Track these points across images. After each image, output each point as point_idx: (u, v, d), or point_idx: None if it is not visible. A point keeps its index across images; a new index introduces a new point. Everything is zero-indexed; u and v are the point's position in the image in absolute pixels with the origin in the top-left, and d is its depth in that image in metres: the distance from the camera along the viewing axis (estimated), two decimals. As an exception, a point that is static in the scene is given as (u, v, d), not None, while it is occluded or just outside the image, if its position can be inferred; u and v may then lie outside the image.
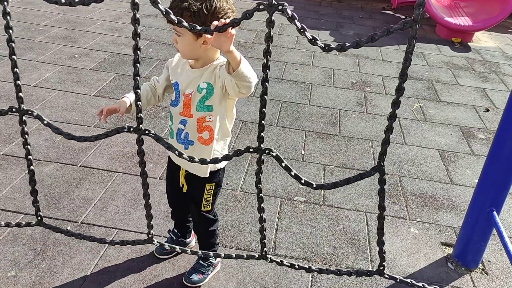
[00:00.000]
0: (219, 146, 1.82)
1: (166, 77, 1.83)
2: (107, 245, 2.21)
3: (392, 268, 2.25)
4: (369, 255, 2.33)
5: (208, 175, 1.83)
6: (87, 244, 2.19)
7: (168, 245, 1.21)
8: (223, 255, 1.23)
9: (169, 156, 1.98)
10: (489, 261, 2.36)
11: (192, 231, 2.24)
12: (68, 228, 2.29)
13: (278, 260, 1.20)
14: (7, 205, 2.39)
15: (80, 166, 2.77)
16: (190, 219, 2.16)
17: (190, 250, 1.22)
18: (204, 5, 1.51)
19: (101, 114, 1.74)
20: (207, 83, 1.67)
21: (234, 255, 1.22)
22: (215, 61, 1.69)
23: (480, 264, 2.32)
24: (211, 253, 1.26)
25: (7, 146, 2.86)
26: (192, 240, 2.26)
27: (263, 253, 1.17)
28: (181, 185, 1.93)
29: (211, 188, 1.89)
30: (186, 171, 1.88)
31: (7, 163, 2.72)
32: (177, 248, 1.23)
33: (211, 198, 1.91)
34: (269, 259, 1.19)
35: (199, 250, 2.07)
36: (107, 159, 2.85)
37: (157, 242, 1.19)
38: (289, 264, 1.20)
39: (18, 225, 1.23)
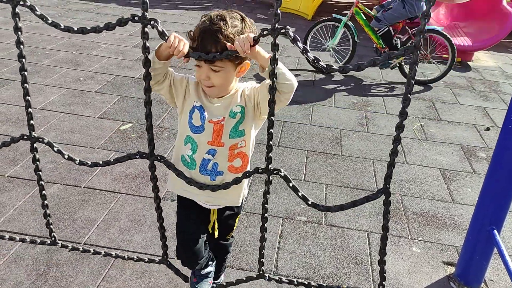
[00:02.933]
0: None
1: (179, 82, 1.59)
2: (109, 266, 2.22)
3: (394, 288, 2.25)
4: (371, 275, 2.32)
5: (240, 203, 1.73)
6: (89, 266, 2.21)
7: None
8: (224, 283, 1.24)
9: (184, 198, 1.72)
10: (491, 280, 2.35)
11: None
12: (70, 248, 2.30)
13: (277, 278, 1.21)
14: (12, 226, 2.42)
15: (84, 187, 2.80)
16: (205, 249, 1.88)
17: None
18: (245, 30, 1.46)
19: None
20: (240, 106, 1.55)
21: (234, 281, 1.23)
22: (236, 87, 1.60)
23: (483, 283, 2.31)
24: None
25: (12, 168, 2.90)
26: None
27: (261, 272, 1.18)
28: (210, 229, 1.78)
29: (239, 218, 1.90)
30: (218, 211, 1.73)
31: (12, 185, 2.75)
32: None
33: (236, 226, 1.91)
34: (267, 278, 1.20)
35: (236, 281, 2.06)
36: (110, 180, 2.88)
37: (170, 263, 1.20)
38: (287, 281, 1.21)
39: (33, 242, 1.24)
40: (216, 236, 1.79)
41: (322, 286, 1.22)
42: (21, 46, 0.94)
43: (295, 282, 1.20)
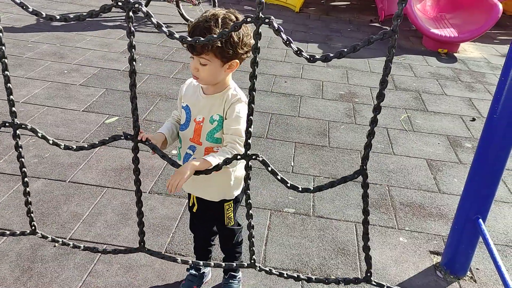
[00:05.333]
0: (239, 172, 1.78)
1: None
2: (95, 261, 2.19)
3: (381, 277, 2.26)
4: (358, 265, 2.33)
5: (218, 200, 1.81)
6: (75, 261, 2.18)
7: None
8: (213, 264, 1.24)
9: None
10: (477, 268, 2.38)
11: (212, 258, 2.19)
12: (56, 244, 2.28)
13: (267, 269, 1.21)
14: (-5, 222, 2.38)
15: (69, 181, 2.76)
16: (212, 242, 2.11)
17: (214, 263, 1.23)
18: (233, 33, 1.49)
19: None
20: (219, 115, 1.65)
21: (224, 264, 1.23)
22: (227, 87, 1.67)
23: (469, 272, 2.34)
24: (206, 263, 1.24)
25: (-5, 163, 2.85)
26: (210, 272, 2.21)
27: (252, 261, 1.18)
28: (191, 204, 1.91)
29: (230, 206, 1.86)
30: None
31: (-5, 180, 2.70)
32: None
33: (231, 214, 1.89)
34: (258, 268, 1.19)
35: (225, 264, 2.09)
36: (96, 174, 2.85)
37: (148, 249, 1.19)
38: (277, 273, 1.21)
39: (13, 234, 1.22)
40: (194, 210, 1.92)
41: (311, 278, 1.22)
42: (0, 34, 0.91)
43: (285, 275, 1.20)
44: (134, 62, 0.94)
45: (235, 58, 1.57)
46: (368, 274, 1.20)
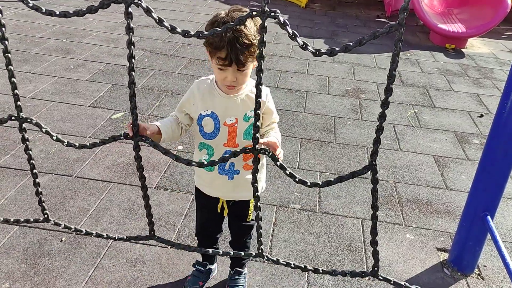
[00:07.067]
0: (264, 161, 1.83)
1: (188, 109, 1.69)
2: (101, 256, 2.20)
3: (387, 274, 2.25)
4: (364, 262, 2.32)
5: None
6: (81, 255, 2.19)
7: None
8: (221, 252, 1.22)
9: (199, 190, 1.87)
10: (484, 265, 2.36)
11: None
12: (63, 239, 2.29)
13: (275, 259, 1.20)
14: (2, 216, 2.38)
15: (75, 176, 2.77)
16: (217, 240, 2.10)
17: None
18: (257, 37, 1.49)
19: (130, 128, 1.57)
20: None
21: (232, 253, 1.22)
22: (246, 84, 1.63)
23: (476, 269, 2.32)
24: (210, 251, 1.22)
25: (2, 158, 2.86)
26: (216, 269, 2.20)
27: (260, 251, 1.18)
28: (219, 210, 1.87)
29: (253, 202, 1.88)
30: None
31: (2, 175, 2.71)
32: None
33: (252, 207, 1.89)
34: (265, 257, 1.19)
35: (235, 258, 2.10)
36: (102, 170, 2.85)
37: (158, 237, 1.19)
38: (284, 263, 1.20)
39: (27, 221, 1.23)
40: (225, 214, 1.89)
41: (318, 270, 1.21)
42: (3, 29, 0.91)
43: (292, 265, 1.19)
44: (133, 60, 0.93)
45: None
46: (375, 269, 1.19)
